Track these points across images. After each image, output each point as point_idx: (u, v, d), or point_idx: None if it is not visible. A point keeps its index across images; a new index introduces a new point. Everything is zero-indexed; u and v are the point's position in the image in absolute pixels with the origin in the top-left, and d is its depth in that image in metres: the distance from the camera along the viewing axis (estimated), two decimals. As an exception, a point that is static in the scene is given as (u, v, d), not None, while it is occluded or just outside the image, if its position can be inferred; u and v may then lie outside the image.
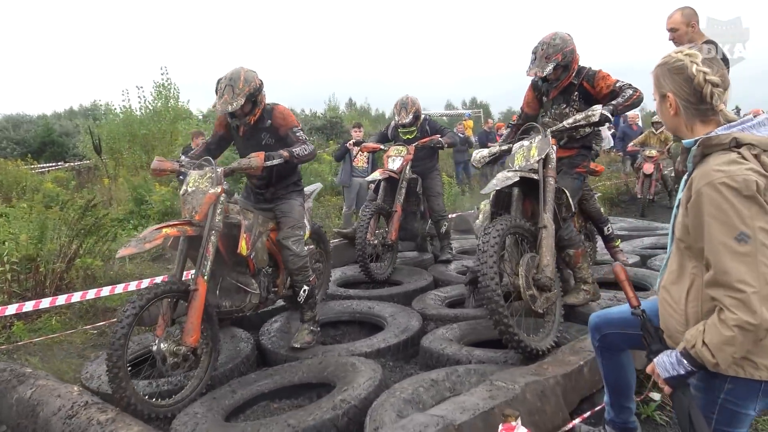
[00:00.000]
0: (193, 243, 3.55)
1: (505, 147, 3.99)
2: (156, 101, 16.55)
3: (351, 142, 8.48)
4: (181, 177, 3.96)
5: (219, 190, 3.53)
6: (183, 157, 3.96)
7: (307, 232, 4.46)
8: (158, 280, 5.85)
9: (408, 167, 5.85)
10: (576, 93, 4.04)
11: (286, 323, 4.30)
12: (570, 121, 3.74)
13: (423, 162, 6.09)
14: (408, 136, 6.18)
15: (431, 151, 6.16)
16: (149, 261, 7.94)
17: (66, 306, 5.30)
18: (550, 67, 3.85)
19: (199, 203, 3.50)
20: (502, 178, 3.60)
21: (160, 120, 16.10)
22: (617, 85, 3.91)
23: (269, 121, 4.00)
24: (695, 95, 1.77)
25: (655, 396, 2.98)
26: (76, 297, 5.11)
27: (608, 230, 5.13)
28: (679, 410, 1.75)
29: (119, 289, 5.45)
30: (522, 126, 4.20)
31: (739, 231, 1.56)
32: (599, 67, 4.09)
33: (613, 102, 3.72)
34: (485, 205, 4.14)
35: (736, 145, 1.65)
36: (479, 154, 4.14)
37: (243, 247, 3.72)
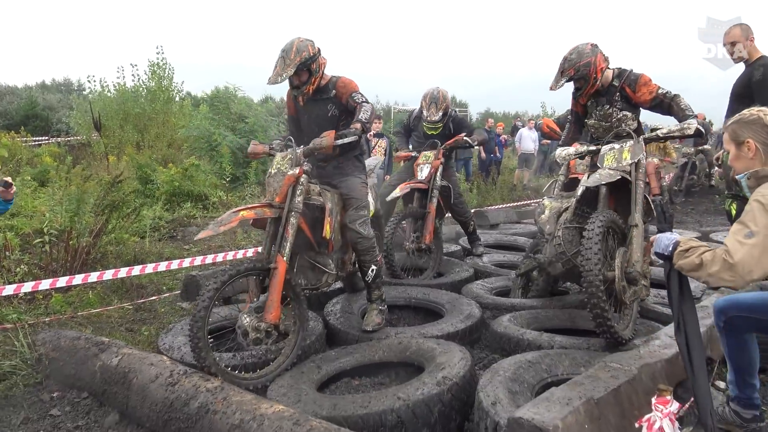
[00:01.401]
0: (279, 224, 3.60)
1: (593, 148, 4.06)
2: (150, 80, 16.33)
3: (372, 133, 8.53)
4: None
5: (298, 171, 3.58)
6: (276, 141, 3.98)
7: (372, 209, 4.52)
8: (186, 261, 5.88)
9: (438, 173, 5.64)
10: (618, 94, 4.18)
11: (348, 304, 4.39)
12: (664, 131, 3.87)
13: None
14: (433, 131, 5.95)
15: (449, 150, 5.92)
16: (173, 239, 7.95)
17: (97, 282, 5.28)
18: (562, 82, 4.10)
19: (279, 185, 3.57)
20: (606, 174, 3.72)
21: (155, 100, 15.89)
22: (660, 92, 4.05)
23: (333, 91, 4.00)
24: None
25: (720, 384, 3.19)
26: (108, 275, 5.10)
27: None
28: (671, 284, 2.38)
29: (149, 269, 5.48)
30: (576, 124, 4.41)
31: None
32: (641, 71, 4.24)
33: (680, 106, 3.90)
34: (550, 201, 4.28)
35: None
36: (565, 152, 4.20)
37: (327, 231, 3.78)
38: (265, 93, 22.00)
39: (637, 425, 2.18)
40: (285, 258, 3.39)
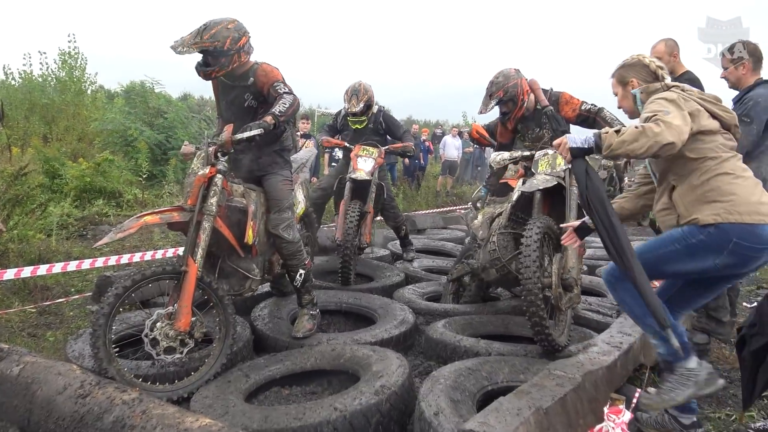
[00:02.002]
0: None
1: (527, 153, 4.06)
2: (60, 70, 15.35)
3: (299, 134, 8.33)
4: None
5: (208, 171, 3.28)
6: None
7: (301, 208, 4.31)
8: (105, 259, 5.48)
9: (377, 171, 5.57)
10: (544, 117, 4.21)
11: (277, 308, 4.18)
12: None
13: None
14: (358, 126, 5.84)
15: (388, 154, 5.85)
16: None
17: (-8, 282, 4.81)
18: (492, 105, 4.11)
19: (191, 187, 3.32)
20: (542, 180, 3.71)
21: (65, 90, 14.94)
22: (583, 108, 4.13)
23: (252, 79, 3.58)
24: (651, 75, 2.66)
25: (651, 390, 3.24)
26: (9, 274, 4.64)
27: None
28: (578, 172, 2.44)
29: (57, 269, 5.05)
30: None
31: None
32: (563, 89, 4.30)
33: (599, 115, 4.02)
34: (484, 206, 4.26)
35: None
36: (499, 157, 4.17)
37: (250, 236, 3.53)
38: (184, 90, 21.12)
39: (587, 434, 2.13)
40: (196, 262, 3.14)
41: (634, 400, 2.39)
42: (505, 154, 4.02)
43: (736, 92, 3.99)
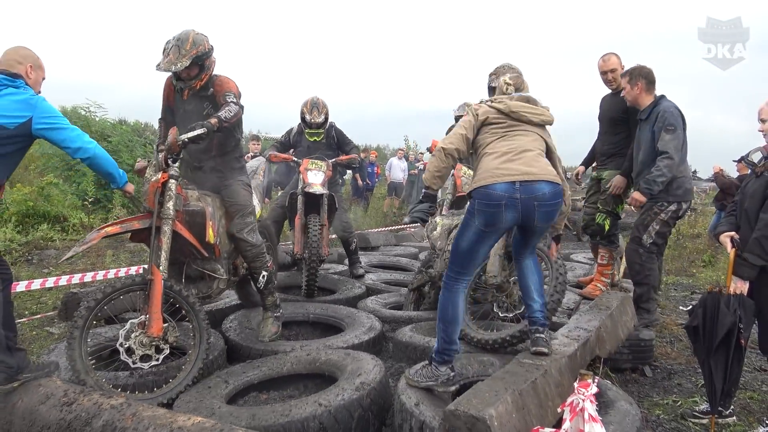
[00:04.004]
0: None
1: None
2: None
3: (248, 155, 8.30)
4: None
5: (160, 177, 3.38)
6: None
7: (258, 211, 4.40)
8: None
9: (326, 184, 5.54)
10: None
11: (246, 319, 4.26)
12: None
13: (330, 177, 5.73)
14: (315, 138, 5.88)
15: (336, 167, 5.89)
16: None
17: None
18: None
19: (146, 195, 3.41)
20: None
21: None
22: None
23: (211, 89, 3.77)
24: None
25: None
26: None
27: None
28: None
29: (21, 287, 5.00)
30: None
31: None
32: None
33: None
34: (441, 219, 4.49)
35: None
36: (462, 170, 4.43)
37: (211, 235, 3.65)
38: (120, 115, 20.39)
39: (558, 410, 2.34)
40: (161, 268, 3.23)
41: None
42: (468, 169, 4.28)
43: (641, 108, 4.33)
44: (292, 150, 6.11)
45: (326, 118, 5.85)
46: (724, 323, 2.92)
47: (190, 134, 3.40)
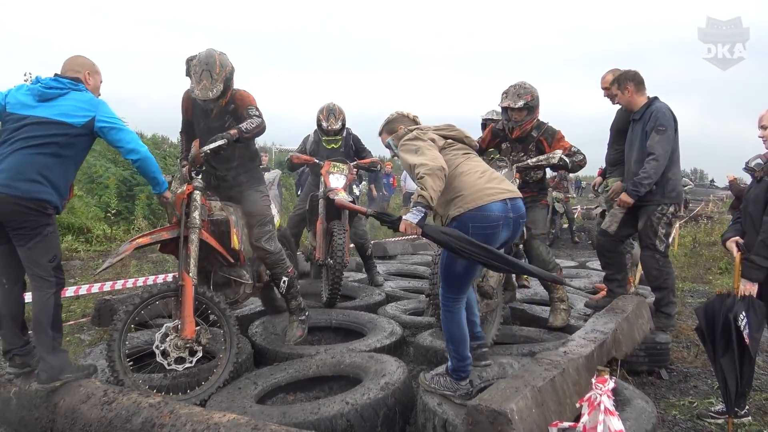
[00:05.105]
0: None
1: None
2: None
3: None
4: None
5: (186, 188, 3.54)
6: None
7: (277, 221, 4.53)
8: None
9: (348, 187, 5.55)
10: (533, 144, 4.55)
11: (272, 325, 4.40)
12: (533, 160, 4.32)
13: None
14: (333, 145, 5.86)
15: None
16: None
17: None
18: (521, 102, 4.38)
19: (173, 207, 3.58)
20: None
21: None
22: (572, 149, 4.46)
23: (232, 105, 3.90)
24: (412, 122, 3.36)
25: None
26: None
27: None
28: (436, 233, 2.78)
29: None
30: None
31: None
32: (558, 127, 4.63)
33: (572, 158, 4.37)
34: None
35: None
36: None
37: (235, 242, 3.82)
38: (138, 129, 20.73)
39: (577, 405, 2.44)
40: (191, 274, 3.39)
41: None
42: None
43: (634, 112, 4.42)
44: None
45: (343, 125, 5.84)
46: (720, 324, 3.06)
47: (212, 146, 3.57)
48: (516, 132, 4.56)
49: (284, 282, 4.18)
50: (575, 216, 15.21)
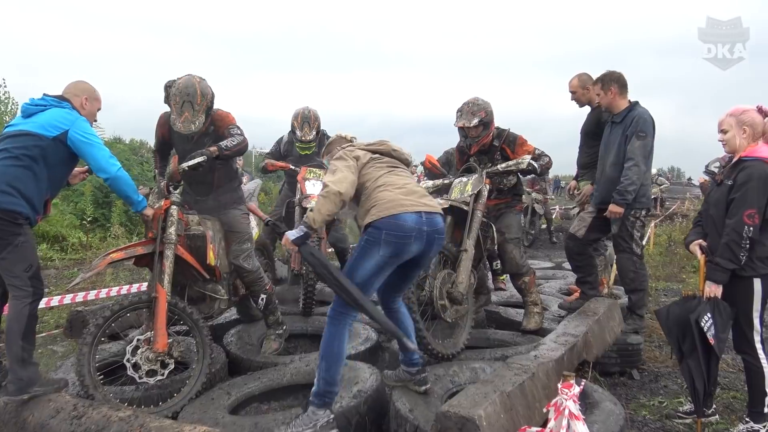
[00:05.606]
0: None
1: (447, 181, 4.53)
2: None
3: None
4: None
5: (163, 203, 3.54)
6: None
7: (255, 233, 4.53)
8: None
9: None
10: (498, 154, 4.56)
11: (247, 334, 4.39)
12: (503, 165, 4.36)
13: None
14: (306, 152, 5.84)
15: None
16: None
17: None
18: (475, 120, 4.37)
19: (150, 221, 3.56)
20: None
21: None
22: (537, 152, 4.50)
23: (212, 127, 3.89)
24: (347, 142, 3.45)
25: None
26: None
27: (496, 265, 5.96)
28: (308, 255, 2.90)
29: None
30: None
31: None
32: (519, 132, 4.65)
33: (538, 161, 4.39)
34: None
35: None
36: (424, 185, 4.62)
37: (212, 258, 3.81)
38: (115, 133, 20.48)
39: (544, 410, 2.48)
40: (164, 286, 3.37)
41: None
42: (429, 183, 4.46)
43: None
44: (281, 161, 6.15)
45: (318, 133, 5.82)
46: (683, 326, 3.14)
47: (190, 162, 3.57)
48: (474, 148, 4.57)
49: (262, 299, 4.19)
50: (554, 216, 15.37)
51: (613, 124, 4.45)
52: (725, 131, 3.19)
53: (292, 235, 2.89)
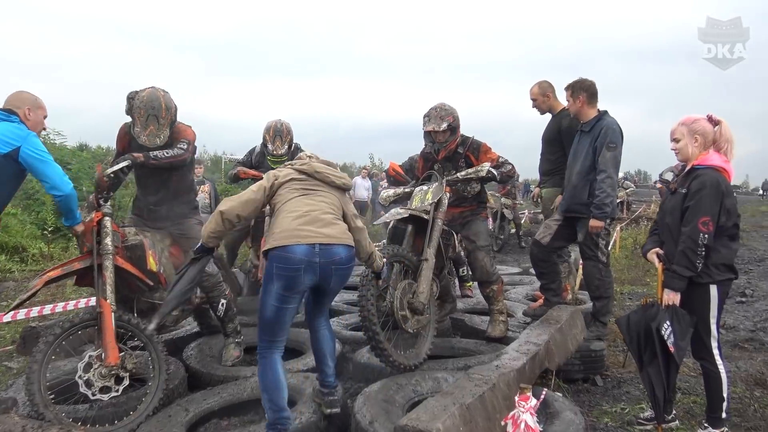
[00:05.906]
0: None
1: (408, 189, 4.52)
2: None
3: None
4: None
5: (94, 215, 3.46)
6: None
7: None
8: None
9: None
10: (462, 161, 4.56)
11: (208, 347, 4.30)
12: (462, 173, 4.35)
13: None
14: (278, 166, 5.83)
15: None
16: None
17: None
18: (444, 125, 4.37)
19: (84, 236, 3.51)
20: (394, 213, 4.12)
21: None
22: (500, 160, 4.50)
23: (170, 139, 3.91)
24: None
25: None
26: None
27: (463, 272, 5.97)
28: (190, 266, 3.04)
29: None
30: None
31: None
32: (492, 135, 4.79)
33: (500, 169, 4.39)
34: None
35: None
36: (386, 193, 4.62)
37: (152, 263, 3.75)
38: (82, 140, 20.12)
39: (503, 423, 2.46)
40: (108, 300, 3.29)
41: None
42: (390, 191, 4.45)
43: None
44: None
45: (290, 147, 5.65)
46: (643, 334, 3.17)
47: (115, 167, 3.57)
48: (442, 153, 4.57)
49: (222, 305, 4.15)
50: (523, 221, 15.48)
51: (581, 133, 4.48)
52: (677, 140, 3.23)
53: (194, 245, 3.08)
